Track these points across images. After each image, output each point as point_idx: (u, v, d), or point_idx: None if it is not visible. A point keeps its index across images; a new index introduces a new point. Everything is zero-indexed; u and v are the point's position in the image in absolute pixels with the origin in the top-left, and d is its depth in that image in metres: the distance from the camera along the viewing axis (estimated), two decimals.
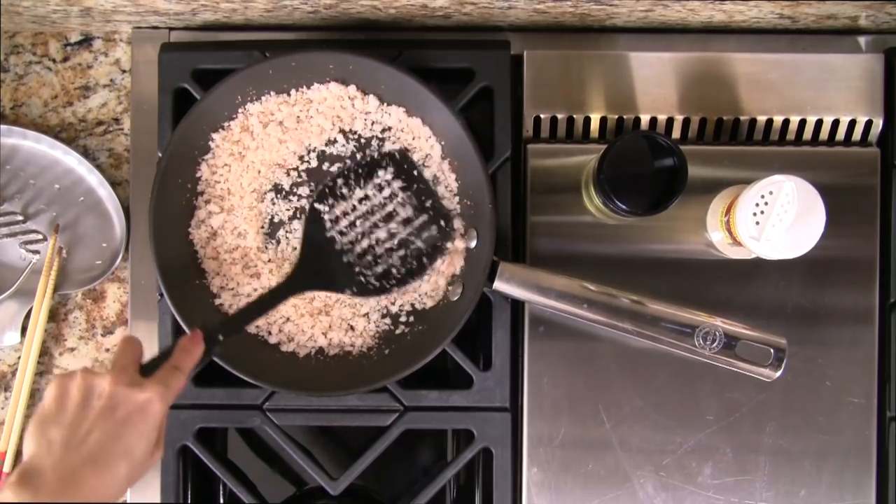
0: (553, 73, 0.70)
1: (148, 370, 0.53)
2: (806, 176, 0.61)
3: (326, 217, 0.65)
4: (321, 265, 0.64)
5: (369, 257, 0.65)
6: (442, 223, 0.66)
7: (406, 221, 0.66)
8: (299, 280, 0.64)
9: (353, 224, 0.65)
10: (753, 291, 0.69)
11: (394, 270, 0.65)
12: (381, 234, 0.65)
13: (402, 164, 0.66)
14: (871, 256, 0.69)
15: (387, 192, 0.66)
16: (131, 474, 0.49)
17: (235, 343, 0.66)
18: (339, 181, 0.66)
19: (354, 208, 0.66)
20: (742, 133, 0.71)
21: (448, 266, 0.67)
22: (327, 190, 0.66)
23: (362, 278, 0.65)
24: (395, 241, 0.66)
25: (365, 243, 0.65)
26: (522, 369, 0.69)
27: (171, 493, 0.69)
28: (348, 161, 0.67)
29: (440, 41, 0.71)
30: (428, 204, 0.66)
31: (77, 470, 0.47)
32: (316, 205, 0.65)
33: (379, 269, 0.65)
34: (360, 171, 0.66)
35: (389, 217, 0.66)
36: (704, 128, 0.71)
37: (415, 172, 0.66)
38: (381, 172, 0.66)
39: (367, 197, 0.66)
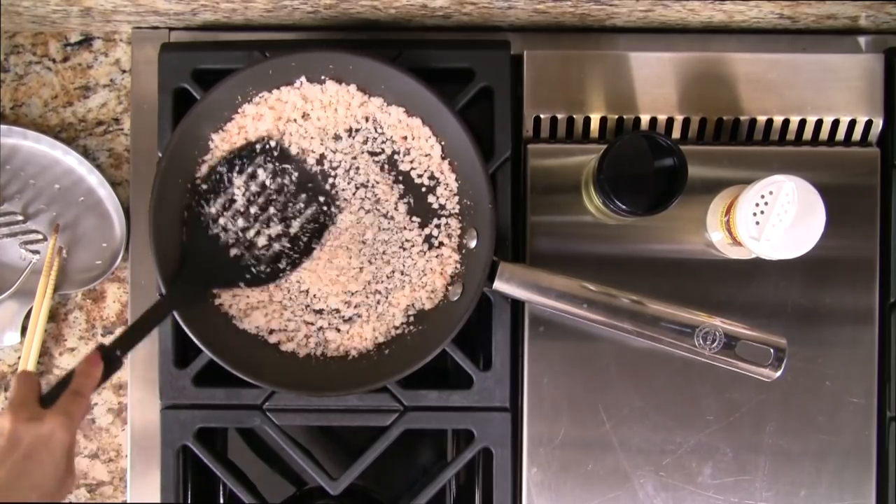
0: (553, 73, 0.70)
1: (49, 400, 0.53)
2: (806, 176, 0.61)
3: (207, 215, 0.65)
4: (208, 264, 0.65)
5: (256, 248, 0.66)
6: (321, 199, 0.66)
7: (285, 204, 0.66)
8: (187, 283, 0.64)
9: (234, 218, 0.66)
10: (753, 291, 0.69)
11: (283, 255, 0.66)
12: (263, 222, 0.66)
13: (273, 150, 0.67)
14: (871, 256, 0.69)
15: (261, 178, 0.66)
16: None
17: (235, 343, 0.66)
18: (213, 177, 0.66)
19: (233, 202, 0.66)
20: (742, 133, 0.71)
21: (447, 266, 0.67)
22: (202, 189, 0.66)
23: (253, 269, 0.65)
24: (279, 226, 0.66)
25: (250, 233, 0.66)
26: (522, 369, 0.69)
27: (171, 493, 0.69)
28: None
29: (440, 41, 0.71)
30: (307, 183, 0.66)
31: None
32: (194, 206, 0.66)
33: (267, 257, 0.66)
34: (232, 163, 0.66)
35: (269, 203, 0.66)
36: (704, 128, 0.71)
37: (285, 155, 0.67)
38: (252, 161, 0.66)
39: (243, 188, 0.66)
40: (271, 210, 0.66)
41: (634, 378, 0.69)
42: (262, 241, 0.66)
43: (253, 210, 0.66)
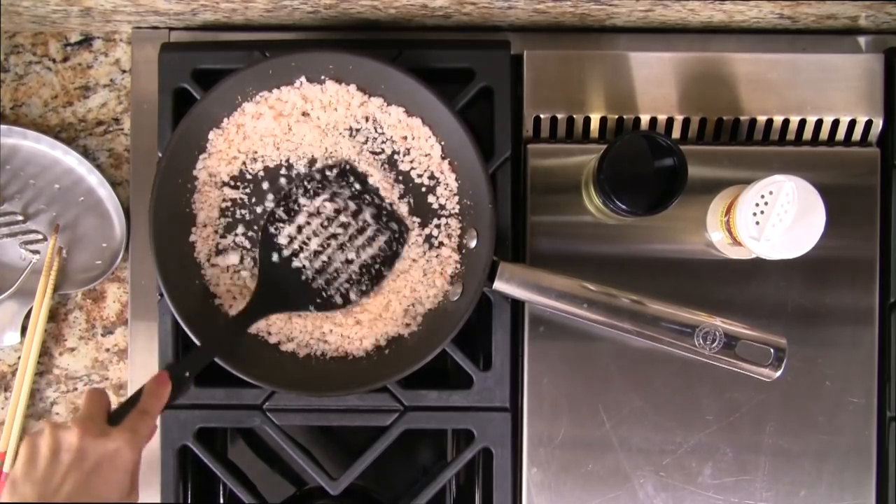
0: (553, 73, 0.70)
1: (116, 417, 0.53)
2: (806, 176, 0.61)
3: (280, 238, 0.65)
4: (280, 287, 0.65)
5: (328, 272, 0.65)
6: (394, 227, 0.66)
7: (359, 231, 0.66)
8: (260, 306, 0.64)
9: (306, 242, 0.65)
10: (753, 291, 0.69)
11: (353, 282, 0.66)
12: (336, 247, 0.65)
13: (348, 174, 0.66)
14: (871, 256, 0.69)
15: (336, 204, 0.66)
16: None
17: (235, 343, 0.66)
18: (290, 199, 0.66)
19: (307, 224, 0.66)
20: (742, 133, 0.71)
21: (447, 266, 0.67)
22: (278, 211, 0.66)
23: (323, 293, 0.65)
24: (351, 253, 0.66)
25: (321, 259, 0.65)
26: (522, 369, 0.69)
27: (171, 493, 0.69)
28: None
29: (440, 41, 0.71)
30: (381, 211, 0.66)
31: None
32: (268, 227, 0.65)
33: (337, 283, 0.65)
34: (306, 186, 0.66)
35: (342, 229, 0.66)
36: (704, 128, 0.71)
37: (361, 181, 0.66)
38: (328, 185, 0.66)
39: (317, 212, 0.66)
40: (345, 235, 0.66)
41: (634, 378, 0.69)
42: (334, 265, 0.66)
43: (327, 234, 0.66)
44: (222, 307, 0.67)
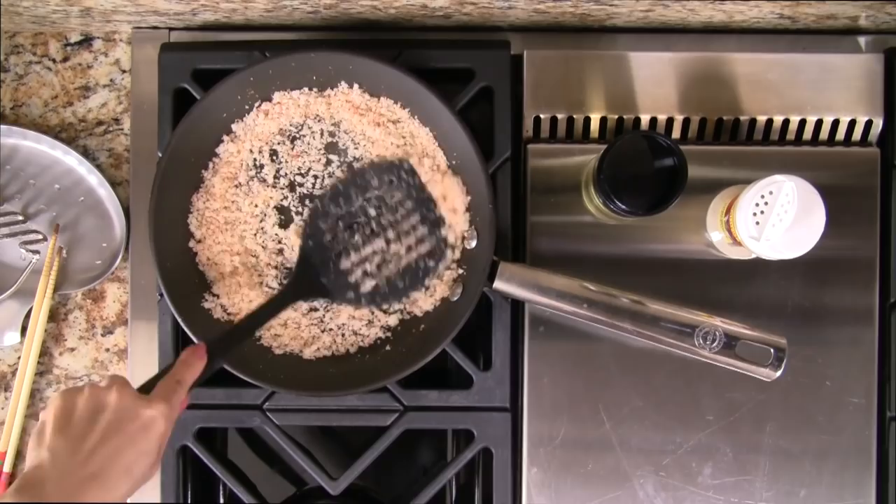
0: (553, 73, 0.70)
1: (146, 388, 0.51)
2: (806, 176, 0.61)
3: (324, 225, 0.63)
4: (318, 274, 0.63)
5: (366, 267, 0.63)
6: (439, 235, 0.64)
7: (405, 232, 0.64)
8: (296, 290, 0.62)
9: (351, 232, 0.64)
10: (753, 291, 0.69)
11: (389, 283, 0.64)
12: (379, 243, 0.64)
13: (402, 172, 0.65)
14: (871, 256, 0.69)
15: (388, 201, 0.64)
16: (129, 492, 0.48)
17: None
18: (339, 188, 0.64)
19: (353, 216, 0.64)
20: (742, 133, 0.71)
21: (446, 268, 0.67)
22: (326, 198, 0.64)
23: (359, 288, 0.63)
24: (393, 252, 0.64)
25: (362, 252, 0.63)
26: (522, 369, 0.69)
27: (171, 493, 0.69)
28: (348, 164, 0.67)
29: (440, 41, 0.71)
30: (429, 216, 0.64)
31: (80, 486, 0.46)
32: (316, 211, 0.64)
33: (374, 280, 0.63)
34: (358, 179, 0.64)
35: (387, 227, 0.64)
36: (704, 128, 0.71)
37: (415, 181, 0.65)
38: (380, 180, 0.64)
39: (366, 205, 0.64)
40: (390, 235, 0.64)
41: (634, 378, 0.69)
42: (375, 261, 0.63)
43: (369, 230, 0.64)
44: (223, 307, 0.67)
